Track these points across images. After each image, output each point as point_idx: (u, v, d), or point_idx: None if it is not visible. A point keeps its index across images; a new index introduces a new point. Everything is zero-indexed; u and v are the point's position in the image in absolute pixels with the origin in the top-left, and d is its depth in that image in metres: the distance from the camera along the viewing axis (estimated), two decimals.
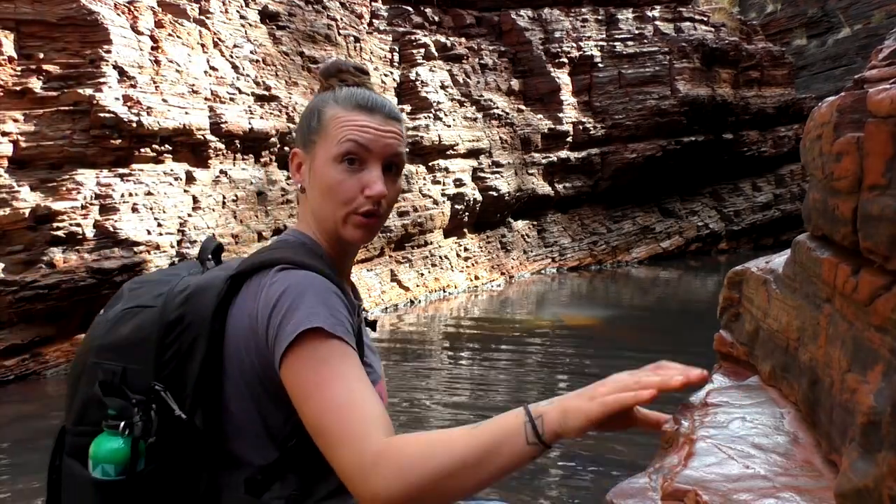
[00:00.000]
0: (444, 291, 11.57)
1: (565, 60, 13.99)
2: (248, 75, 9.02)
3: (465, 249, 12.36)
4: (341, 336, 0.91)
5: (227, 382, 0.96)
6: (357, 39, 11.12)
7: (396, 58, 12.05)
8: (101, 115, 6.98)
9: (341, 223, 1.04)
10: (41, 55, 7.02)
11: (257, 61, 9.33)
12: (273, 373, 0.93)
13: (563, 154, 13.84)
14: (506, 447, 0.81)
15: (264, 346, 0.94)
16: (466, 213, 12.22)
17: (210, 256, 1.11)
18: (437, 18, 13.26)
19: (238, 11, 9.36)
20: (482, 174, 12.48)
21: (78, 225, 6.83)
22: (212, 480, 0.96)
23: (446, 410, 5.73)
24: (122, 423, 0.92)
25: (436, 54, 12.42)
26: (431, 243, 11.76)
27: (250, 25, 9.50)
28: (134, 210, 7.28)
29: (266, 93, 9.11)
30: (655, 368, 0.88)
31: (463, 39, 13.21)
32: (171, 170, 7.83)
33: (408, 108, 11.70)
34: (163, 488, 0.93)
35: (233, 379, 0.97)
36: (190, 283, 0.99)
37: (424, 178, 11.63)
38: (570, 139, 13.87)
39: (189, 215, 7.86)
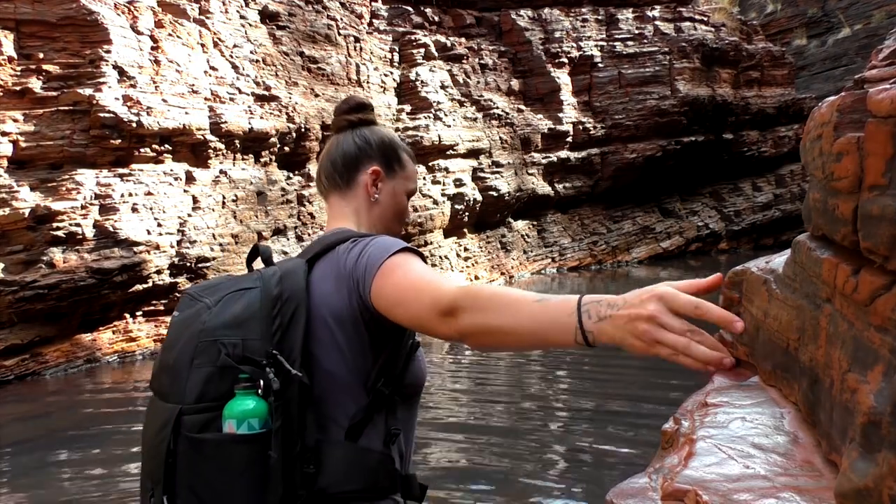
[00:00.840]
0: None
1: (565, 60, 13.99)
2: (248, 75, 9.02)
3: (465, 249, 12.36)
4: (416, 250, 1.14)
5: (317, 344, 1.12)
6: (357, 39, 11.13)
7: (396, 58, 12.05)
8: (101, 115, 6.98)
9: (393, 230, 1.33)
10: (41, 55, 7.02)
11: (257, 61, 9.33)
12: (368, 312, 1.11)
13: (563, 154, 13.84)
14: (555, 335, 0.95)
15: (355, 291, 1.11)
16: (466, 213, 12.22)
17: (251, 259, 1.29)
18: (437, 18, 13.26)
19: (238, 11, 9.35)
20: (482, 174, 12.48)
21: (78, 225, 6.83)
22: (317, 434, 1.10)
23: (448, 395, 5.93)
24: (255, 383, 1.04)
25: (436, 54, 12.42)
26: (431, 243, 11.76)
27: (250, 25, 9.50)
28: (134, 210, 7.28)
29: (266, 93, 9.11)
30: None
31: (463, 39, 13.21)
32: (171, 170, 7.83)
33: (408, 108, 11.70)
34: (287, 444, 1.06)
35: (323, 340, 1.12)
36: (273, 269, 1.14)
37: (424, 178, 11.63)
38: (570, 139, 13.87)
39: (189, 215, 7.86)
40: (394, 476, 1.16)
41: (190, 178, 8.02)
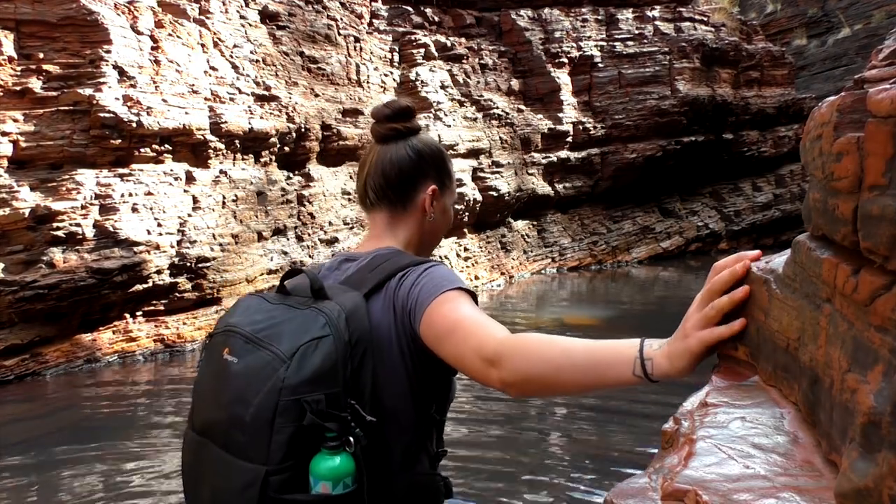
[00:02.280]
0: None
1: (565, 60, 13.99)
2: (248, 75, 9.02)
3: (465, 249, 12.36)
4: (470, 290, 1.15)
5: (381, 382, 1.13)
6: (357, 39, 11.13)
7: (396, 58, 12.05)
8: (101, 115, 6.98)
9: (433, 245, 1.36)
10: (41, 55, 7.02)
11: (257, 61, 9.33)
12: (417, 343, 1.13)
13: (563, 154, 13.84)
14: (614, 369, 0.96)
15: (407, 322, 1.13)
16: (466, 213, 12.23)
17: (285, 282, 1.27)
18: (437, 18, 13.26)
19: (238, 11, 9.35)
20: (482, 174, 12.48)
21: (78, 225, 6.83)
22: (379, 467, 1.12)
23: None
24: (344, 440, 1.04)
25: (436, 54, 12.42)
26: None
27: (250, 25, 9.50)
28: (134, 210, 7.28)
29: (266, 93, 9.11)
30: (712, 278, 1.02)
31: (463, 39, 13.21)
32: (171, 170, 7.83)
33: None
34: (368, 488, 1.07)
35: (383, 376, 1.13)
36: (336, 308, 1.10)
37: None
38: (570, 139, 13.87)
39: (189, 215, 7.86)
40: (441, 492, 1.22)
41: (190, 178, 8.02)
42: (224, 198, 8.37)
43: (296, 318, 1.10)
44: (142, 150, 7.48)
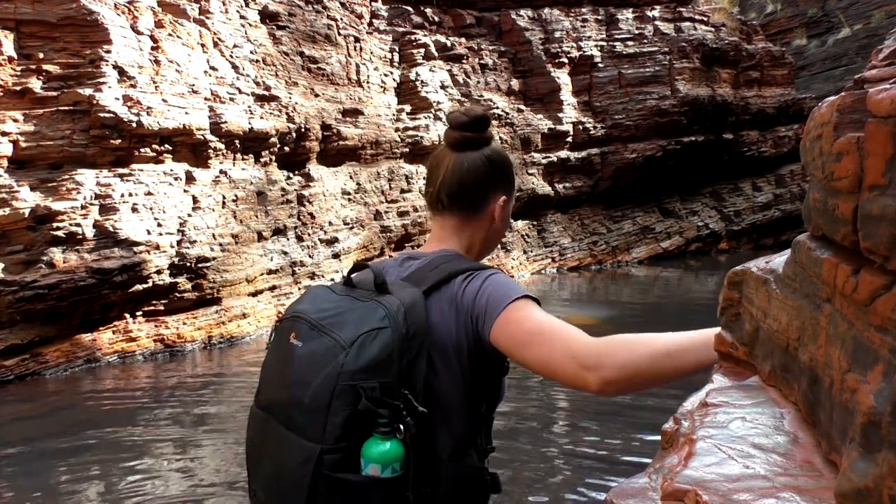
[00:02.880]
0: None
1: (565, 60, 13.99)
2: (248, 75, 9.02)
3: None
4: (535, 298, 1.22)
5: (432, 374, 1.19)
6: (357, 39, 11.13)
7: (396, 58, 12.05)
8: (101, 115, 6.98)
9: (491, 251, 1.43)
10: (41, 55, 7.02)
11: (257, 61, 9.33)
12: (481, 346, 1.20)
13: (563, 154, 13.84)
14: (701, 350, 1.05)
15: (472, 325, 1.20)
16: None
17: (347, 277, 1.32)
18: (437, 18, 13.26)
19: (238, 11, 9.36)
20: None
21: (78, 225, 6.83)
22: (429, 458, 1.17)
23: None
24: (395, 427, 1.09)
25: (436, 54, 12.42)
26: None
27: (250, 25, 9.50)
28: (134, 210, 7.28)
29: (266, 93, 9.11)
30: None
31: (463, 39, 13.21)
32: (171, 170, 7.83)
33: (408, 108, 11.70)
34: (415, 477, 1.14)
35: (438, 370, 1.20)
36: (396, 302, 1.17)
37: (424, 178, 11.63)
38: (570, 139, 13.87)
39: (189, 215, 7.86)
40: (488, 485, 1.27)
41: (190, 178, 8.02)
42: (224, 198, 8.37)
43: (358, 309, 1.17)
44: (142, 150, 7.48)
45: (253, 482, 1.23)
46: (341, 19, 10.90)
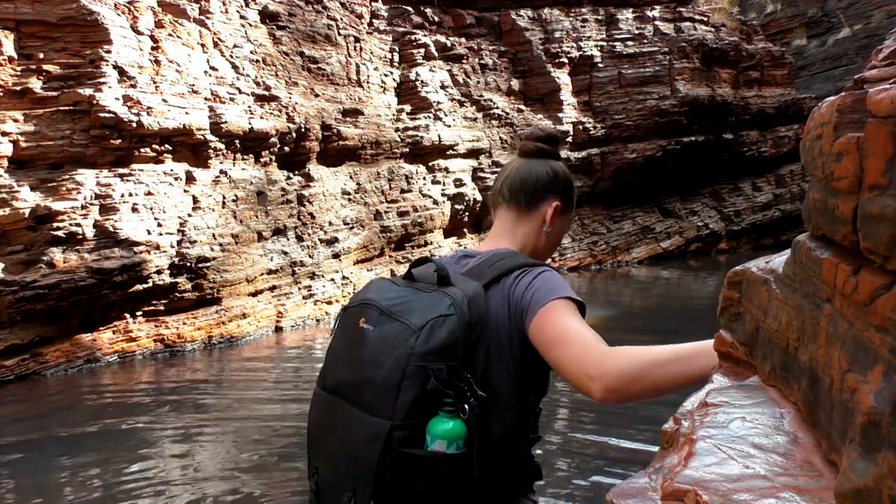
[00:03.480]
0: None
1: (565, 60, 13.99)
2: (248, 75, 9.02)
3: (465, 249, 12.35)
4: (577, 300, 1.30)
5: (489, 363, 1.26)
6: (357, 39, 11.12)
7: (396, 58, 12.05)
8: (101, 115, 6.98)
9: (546, 258, 1.48)
10: (41, 55, 7.02)
11: (257, 61, 9.33)
12: (524, 338, 1.27)
13: (563, 154, 13.83)
14: (707, 356, 1.07)
15: (519, 318, 1.27)
16: (466, 213, 12.23)
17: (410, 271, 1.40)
18: (437, 18, 13.26)
19: (238, 11, 9.36)
20: (482, 174, 12.48)
21: (78, 225, 6.83)
22: (483, 442, 1.22)
23: None
24: (459, 407, 1.17)
25: (436, 54, 12.42)
26: (431, 243, 11.77)
27: (250, 25, 9.50)
28: (134, 210, 7.28)
29: (266, 93, 9.11)
30: None
31: (463, 39, 13.21)
32: (171, 170, 7.83)
33: (408, 108, 11.70)
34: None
35: (494, 359, 1.27)
36: (460, 293, 1.25)
37: (424, 178, 11.63)
38: (570, 139, 13.86)
39: (189, 215, 7.86)
40: (533, 471, 1.36)
41: (190, 178, 8.02)
42: (224, 198, 8.37)
43: (424, 298, 1.25)
44: (142, 150, 7.48)
45: (314, 460, 1.29)
46: (341, 19, 10.90)
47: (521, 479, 1.34)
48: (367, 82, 11.16)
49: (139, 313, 7.67)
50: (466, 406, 1.17)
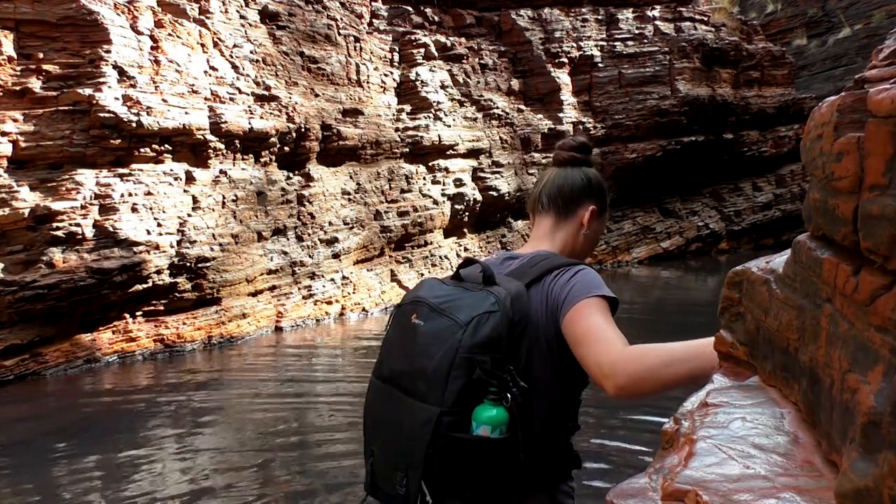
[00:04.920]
0: None
1: (565, 60, 13.99)
2: (248, 75, 9.02)
3: (465, 249, 12.36)
4: (611, 297, 1.37)
5: (531, 357, 1.35)
6: (357, 39, 11.13)
7: (396, 58, 12.05)
8: (101, 115, 6.98)
9: (583, 258, 1.57)
10: (41, 55, 7.02)
11: (257, 61, 9.33)
12: (560, 330, 1.35)
13: None
14: (699, 359, 1.17)
15: (556, 314, 1.36)
16: (466, 213, 12.23)
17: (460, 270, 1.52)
18: (437, 18, 13.26)
19: (238, 11, 9.35)
20: (482, 174, 12.48)
21: (77, 225, 6.83)
22: (525, 430, 1.31)
23: None
24: (503, 395, 1.27)
25: (436, 54, 12.42)
26: (431, 243, 11.77)
27: (250, 25, 9.50)
28: (134, 210, 7.28)
29: (266, 93, 9.11)
30: None
31: (463, 39, 13.21)
32: (171, 170, 7.83)
33: (408, 108, 11.70)
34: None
35: (535, 353, 1.36)
36: (504, 291, 1.34)
37: (424, 178, 11.63)
38: None
39: (189, 215, 7.86)
40: (571, 459, 1.46)
41: (190, 178, 8.02)
42: (224, 198, 8.37)
43: (471, 296, 1.35)
44: (142, 150, 7.48)
45: (370, 444, 1.42)
46: (341, 19, 10.90)
47: (561, 466, 1.43)
48: (367, 82, 11.16)
49: (139, 313, 7.67)
50: (509, 395, 1.26)
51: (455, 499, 1.30)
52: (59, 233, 6.71)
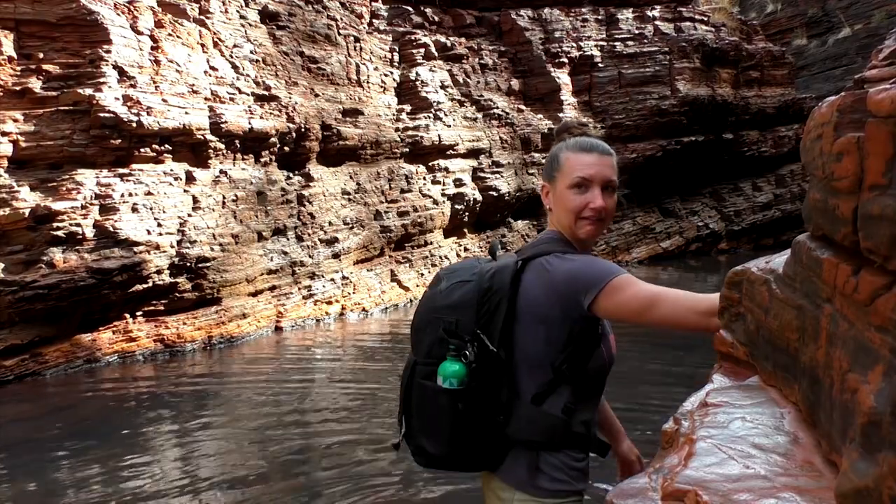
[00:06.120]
0: None
1: (565, 60, 13.99)
2: (248, 75, 9.02)
3: (465, 249, 12.36)
4: (625, 272, 1.49)
5: (518, 327, 1.48)
6: (357, 39, 11.13)
7: (396, 58, 12.05)
8: (101, 115, 6.98)
9: (574, 226, 1.58)
10: (41, 55, 7.02)
11: (257, 61, 9.33)
12: (576, 315, 1.46)
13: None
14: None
15: (571, 300, 1.45)
16: (466, 213, 12.22)
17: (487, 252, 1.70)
18: (437, 18, 13.26)
19: (238, 11, 9.35)
20: (482, 174, 12.48)
21: (78, 225, 6.83)
22: (509, 395, 1.49)
23: None
24: (460, 353, 1.45)
25: (436, 54, 12.42)
26: (431, 243, 11.76)
27: (250, 25, 9.50)
28: (134, 210, 7.28)
29: (266, 93, 9.11)
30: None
31: (463, 39, 13.21)
32: (171, 170, 7.83)
33: (408, 107, 11.70)
34: (480, 399, 1.46)
35: (526, 328, 1.48)
36: (492, 266, 1.53)
37: (424, 178, 11.63)
38: None
39: (189, 215, 7.86)
40: (570, 436, 1.50)
41: (190, 178, 8.02)
42: (224, 198, 8.37)
43: (470, 268, 1.57)
44: (142, 150, 7.48)
45: None
46: (341, 19, 10.90)
47: (552, 439, 1.50)
48: (367, 82, 11.16)
49: (139, 313, 7.66)
50: (466, 352, 1.44)
51: (423, 436, 1.53)
52: (60, 233, 6.71)
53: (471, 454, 1.51)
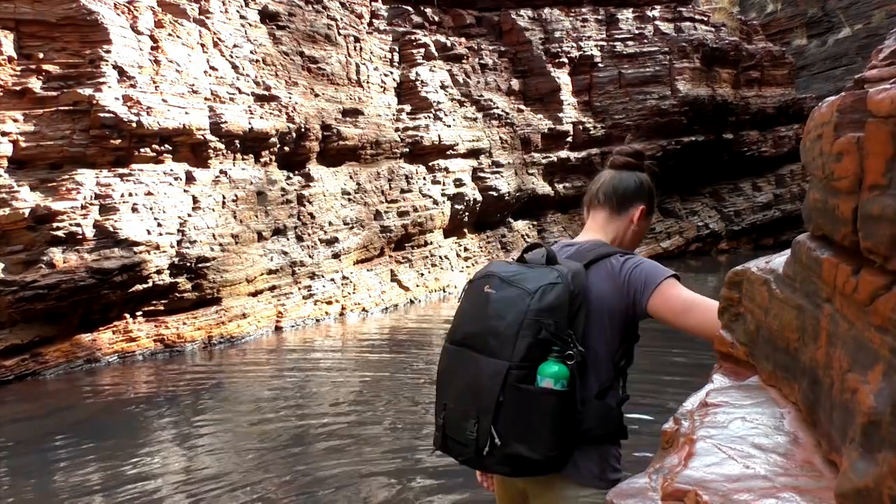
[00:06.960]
0: (444, 291, 11.57)
1: (565, 60, 13.99)
2: (248, 75, 9.02)
3: (465, 249, 12.36)
4: (678, 277, 1.60)
5: (591, 328, 1.56)
6: (357, 39, 11.13)
7: (396, 58, 12.05)
8: (101, 115, 6.98)
9: (633, 250, 1.79)
10: (41, 55, 7.02)
11: (257, 61, 9.33)
12: (631, 312, 1.58)
13: (563, 154, 13.84)
14: None
15: (629, 295, 1.57)
16: (466, 213, 12.22)
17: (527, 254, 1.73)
18: (437, 18, 13.26)
19: (238, 11, 9.36)
20: (482, 174, 12.48)
21: (78, 225, 6.83)
22: (581, 393, 1.53)
23: None
24: (566, 355, 1.48)
25: (436, 54, 12.42)
26: (431, 243, 11.76)
27: (250, 25, 9.50)
28: (134, 210, 7.28)
29: (266, 93, 9.11)
30: None
31: (463, 39, 13.21)
32: (171, 170, 7.83)
33: (408, 107, 11.70)
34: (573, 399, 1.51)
35: (595, 325, 1.57)
36: (565, 268, 1.56)
37: (424, 178, 11.63)
38: (570, 139, 13.86)
39: (189, 215, 7.86)
40: (622, 426, 1.61)
41: (190, 178, 8.02)
42: (224, 198, 8.37)
43: (536, 272, 1.58)
44: (142, 150, 7.48)
45: (443, 399, 1.60)
46: (341, 19, 10.90)
47: (612, 430, 1.59)
48: (367, 82, 11.16)
49: (139, 313, 7.66)
50: (570, 353, 1.48)
51: (520, 443, 1.48)
52: (60, 233, 6.71)
53: (568, 455, 1.54)
